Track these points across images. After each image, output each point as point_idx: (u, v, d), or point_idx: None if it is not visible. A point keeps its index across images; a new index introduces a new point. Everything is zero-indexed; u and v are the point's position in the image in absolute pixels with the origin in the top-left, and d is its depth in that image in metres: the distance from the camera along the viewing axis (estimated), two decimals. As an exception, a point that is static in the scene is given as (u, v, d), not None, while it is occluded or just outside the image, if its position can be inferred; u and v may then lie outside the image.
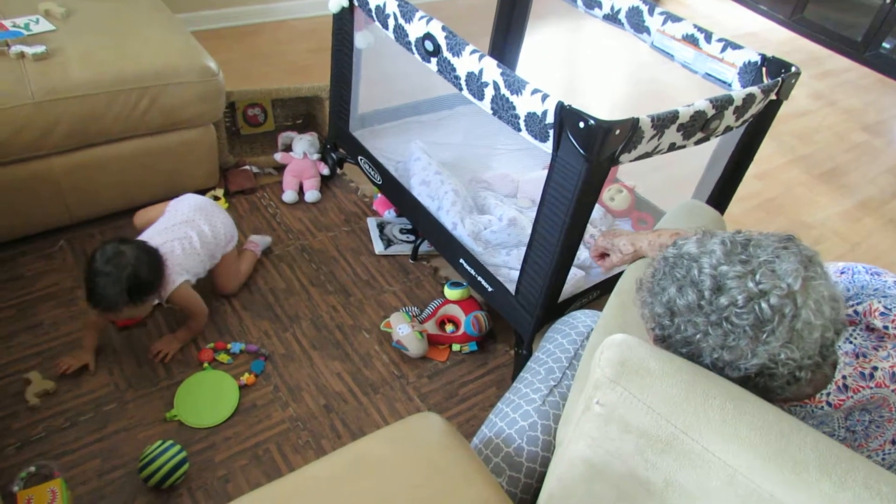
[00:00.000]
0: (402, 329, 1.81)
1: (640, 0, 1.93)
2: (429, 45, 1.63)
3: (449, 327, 1.90)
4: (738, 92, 1.50)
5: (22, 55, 1.78)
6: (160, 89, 1.90)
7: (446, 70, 1.62)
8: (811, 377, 0.79)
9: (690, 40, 1.86)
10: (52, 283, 1.86)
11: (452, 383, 1.79)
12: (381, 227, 2.23)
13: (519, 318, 1.72)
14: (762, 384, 0.79)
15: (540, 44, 3.66)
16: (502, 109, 1.52)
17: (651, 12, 1.91)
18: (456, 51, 1.57)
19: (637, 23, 1.96)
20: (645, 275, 0.89)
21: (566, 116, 1.35)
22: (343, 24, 1.99)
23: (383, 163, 2.12)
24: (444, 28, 1.59)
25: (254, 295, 1.94)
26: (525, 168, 2.32)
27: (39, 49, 1.80)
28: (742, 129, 1.72)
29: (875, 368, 0.83)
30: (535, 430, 1.21)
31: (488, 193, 2.13)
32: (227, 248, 1.86)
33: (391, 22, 1.73)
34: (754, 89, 1.54)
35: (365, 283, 2.03)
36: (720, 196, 1.88)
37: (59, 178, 1.88)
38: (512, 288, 1.73)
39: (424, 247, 2.15)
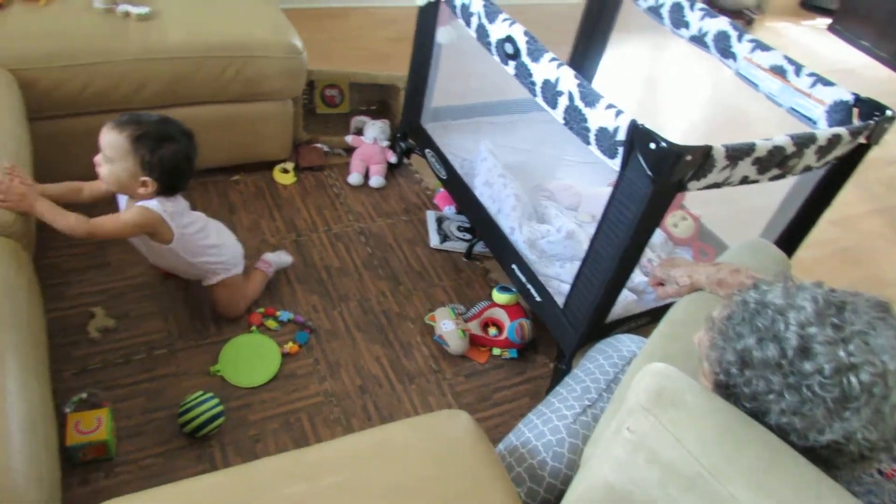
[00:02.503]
0: (445, 324, 1.83)
1: (729, 25, 1.89)
2: (509, 48, 1.64)
3: (492, 330, 1.91)
4: (823, 131, 1.46)
5: (127, 14, 1.89)
6: (246, 60, 1.97)
7: (523, 74, 1.63)
8: (878, 457, 0.75)
9: (778, 71, 1.81)
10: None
11: (487, 386, 1.80)
12: (439, 221, 2.25)
13: (563, 331, 1.72)
14: (826, 456, 0.75)
15: (621, 58, 3.61)
16: (574, 121, 1.52)
17: (740, 38, 1.87)
18: (535, 56, 1.58)
19: (724, 48, 1.92)
20: (718, 315, 0.84)
21: (637, 136, 1.34)
22: (427, 18, 2.02)
23: (450, 158, 2.14)
24: (525, 33, 1.60)
25: (308, 269, 1.99)
26: (590, 182, 2.30)
27: (143, 10, 1.90)
28: (823, 170, 1.67)
29: None
30: (562, 446, 1.21)
31: (550, 203, 2.13)
32: (230, 271, 1.74)
33: (475, 21, 1.75)
34: (842, 130, 1.49)
35: (416, 274, 2.06)
36: (790, 238, 1.82)
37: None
38: (560, 301, 1.72)
39: (479, 247, 2.17)
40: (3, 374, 1.06)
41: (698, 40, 2.02)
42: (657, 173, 1.33)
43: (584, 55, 2.46)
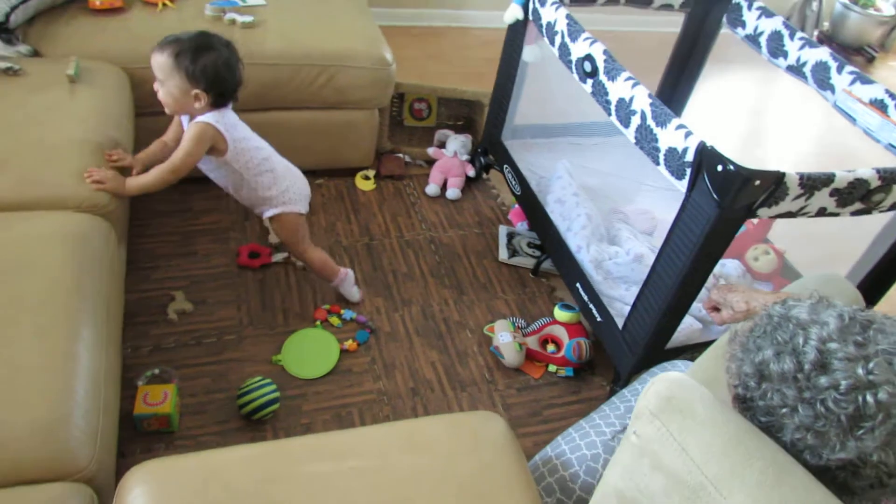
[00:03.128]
0: (503, 336, 1.84)
1: (829, 55, 1.81)
2: (587, 66, 1.65)
3: (550, 347, 1.89)
4: (916, 168, 1.36)
5: (233, 22, 2.04)
6: (338, 69, 2.08)
7: (599, 93, 1.63)
8: None
9: (879, 106, 1.70)
10: (213, 221, 2.10)
11: (539, 402, 1.78)
12: (510, 236, 2.26)
13: (621, 354, 1.68)
14: (842, 479, 0.71)
15: (715, 86, 3.50)
16: (645, 140, 1.50)
17: (840, 70, 1.78)
18: (612, 75, 1.57)
19: (822, 79, 1.83)
20: (742, 328, 0.82)
21: (705, 157, 1.31)
22: (515, 36, 2.05)
23: (526, 175, 2.15)
24: (605, 52, 1.60)
25: (376, 272, 2.06)
26: (669, 209, 2.23)
27: (248, 18, 2.04)
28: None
29: None
30: (596, 462, 1.18)
31: (623, 226, 2.09)
32: (287, 206, 1.74)
33: (558, 39, 1.76)
34: (940, 168, 1.38)
35: (481, 286, 2.08)
36: (875, 282, 1.70)
37: (239, 132, 2.12)
38: (621, 322, 1.69)
39: (547, 265, 2.15)
40: (76, 340, 1.17)
41: (796, 70, 1.93)
42: (723, 196, 1.29)
43: (676, 84, 2.40)
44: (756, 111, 3.52)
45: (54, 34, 1.87)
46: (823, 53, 1.83)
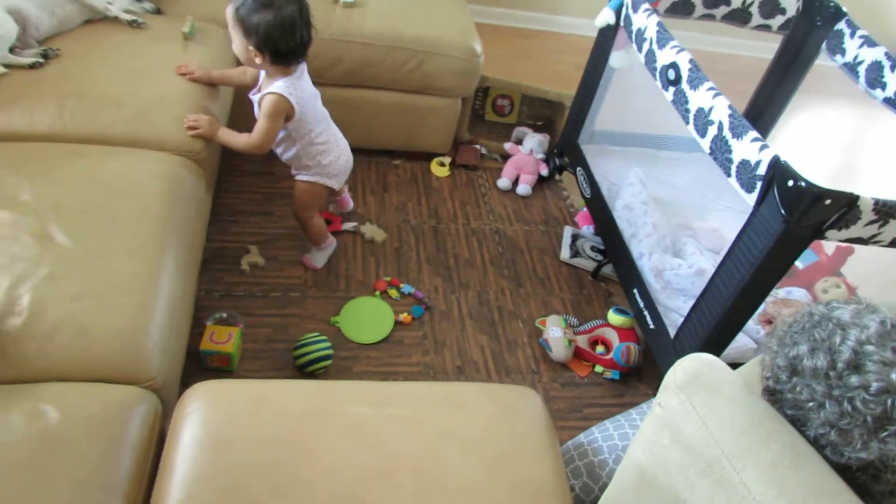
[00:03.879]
0: (554, 331, 1.86)
1: (930, 89, 1.75)
2: (671, 74, 1.66)
3: (599, 349, 1.91)
4: None
5: (336, 0, 2.15)
6: (428, 55, 2.16)
7: (680, 101, 1.64)
8: None
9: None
10: (290, 186, 2.22)
11: (581, 399, 1.80)
12: (574, 237, 2.28)
13: (669, 363, 1.67)
14: (862, 481, 0.72)
15: (806, 118, 3.40)
16: (719, 151, 1.50)
17: (940, 106, 1.72)
18: (694, 84, 1.58)
19: (920, 114, 1.78)
20: (783, 322, 0.84)
21: (778, 171, 1.30)
22: (604, 40, 2.08)
23: (598, 179, 2.17)
24: (690, 60, 1.61)
25: (440, 254, 2.12)
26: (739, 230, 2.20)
27: (351, -1, 2.15)
28: None
29: None
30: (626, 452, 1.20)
31: (690, 241, 2.08)
32: (320, 177, 1.79)
33: (646, 46, 1.78)
34: None
35: (539, 281, 2.11)
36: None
37: (326, 106, 2.23)
38: (674, 332, 1.69)
39: (607, 270, 2.16)
40: (160, 265, 1.28)
41: (894, 104, 1.88)
42: (791, 212, 1.28)
43: (765, 108, 2.35)
44: (849, 145, 3.39)
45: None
46: (924, 87, 1.77)
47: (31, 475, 0.90)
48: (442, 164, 2.47)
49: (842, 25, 2.02)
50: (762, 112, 2.35)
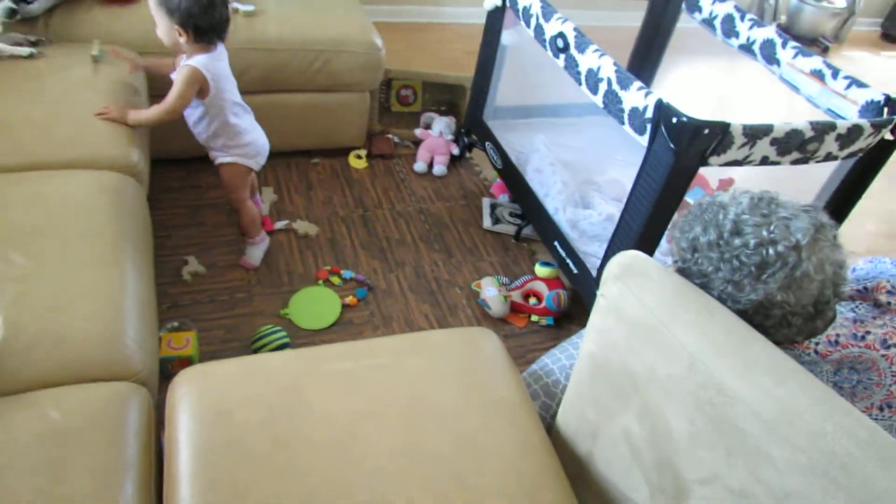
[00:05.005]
0: (489, 290, 2.03)
1: (774, 33, 2.03)
2: (560, 43, 1.85)
3: (532, 300, 2.09)
4: (843, 121, 1.58)
5: (236, 10, 2.22)
6: (332, 54, 2.27)
7: (571, 66, 1.83)
8: (802, 325, 0.91)
9: (818, 75, 1.93)
10: (218, 196, 2.27)
11: (523, 347, 1.98)
12: (493, 207, 2.46)
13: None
14: (757, 322, 0.91)
15: (676, 73, 3.76)
16: (611, 103, 1.70)
17: (784, 45, 2.00)
18: (581, 48, 1.78)
19: (769, 54, 2.06)
20: (680, 216, 1.04)
21: (663, 112, 1.51)
22: (494, 22, 2.26)
23: (507, 151, 2.35)
24: (575, 28, 1.81)
25: (372, 238, 2.24)
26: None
27: (250, 7, 2.22)
28: (851, 162, 1.77)
29: (868, 332, 0.93)
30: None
31: (595, 193, 2.30)
32: (240, 159, 1.88)
33: (533, 21, 1.97)
34: (863, 122, 1.60)
35: (467, 250, 2.27)
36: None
37: (242, 113, 2.30)
38: (595, 273, 1.89)
39: (528, 231, 2.35)
40: (122, 271, 1.34)
41: (746, 48, 2.16)
42: (679, 145, 1.49)
43: (640, 70, 2.62)
44: (714, 90, 3.78)
45: (73, 22, 2.03)
46: (770, 32, 2.05)
47: (52, 470, 0.96)
48: (359, 157, 2.58)
49: (695, -14, 2.29)
50: (638, 74, 2.61)
